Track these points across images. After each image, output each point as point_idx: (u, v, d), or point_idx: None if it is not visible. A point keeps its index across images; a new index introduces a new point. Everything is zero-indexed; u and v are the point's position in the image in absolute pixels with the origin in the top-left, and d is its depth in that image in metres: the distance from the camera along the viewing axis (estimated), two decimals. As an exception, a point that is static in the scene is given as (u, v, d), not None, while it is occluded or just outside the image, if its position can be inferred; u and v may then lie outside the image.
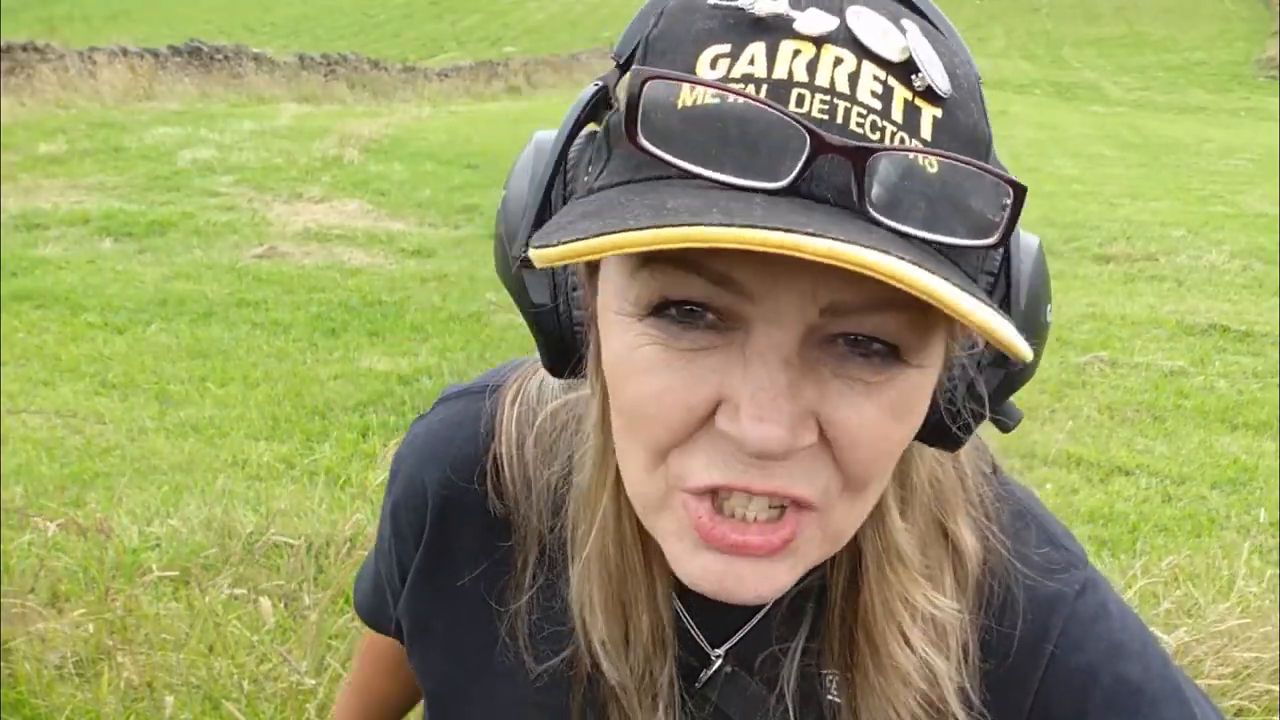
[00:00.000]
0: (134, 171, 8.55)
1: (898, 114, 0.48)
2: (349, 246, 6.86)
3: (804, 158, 0.46)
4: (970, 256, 0.51)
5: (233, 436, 3.87)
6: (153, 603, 2.42)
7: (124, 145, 9.46)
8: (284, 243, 6.81)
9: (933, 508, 0.67)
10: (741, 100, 0.47)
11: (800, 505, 0.53)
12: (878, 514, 0.62)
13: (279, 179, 8.57)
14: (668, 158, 0.47)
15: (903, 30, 0.50)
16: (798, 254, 0.41)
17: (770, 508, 0.53)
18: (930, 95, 0.49)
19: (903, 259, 0.42)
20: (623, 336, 0.53)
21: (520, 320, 0.63)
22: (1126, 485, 3.89)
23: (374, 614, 0.88)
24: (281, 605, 2.43)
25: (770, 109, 0.46)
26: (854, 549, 0.63)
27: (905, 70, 0.49)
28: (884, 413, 0.52)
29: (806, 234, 0.41)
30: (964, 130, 0.51)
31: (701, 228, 0.42)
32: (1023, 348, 0.44)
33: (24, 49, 12.84)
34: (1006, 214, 0.48)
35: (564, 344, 0.61)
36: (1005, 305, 0.56)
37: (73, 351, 4.72)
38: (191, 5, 46.37)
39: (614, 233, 0.43)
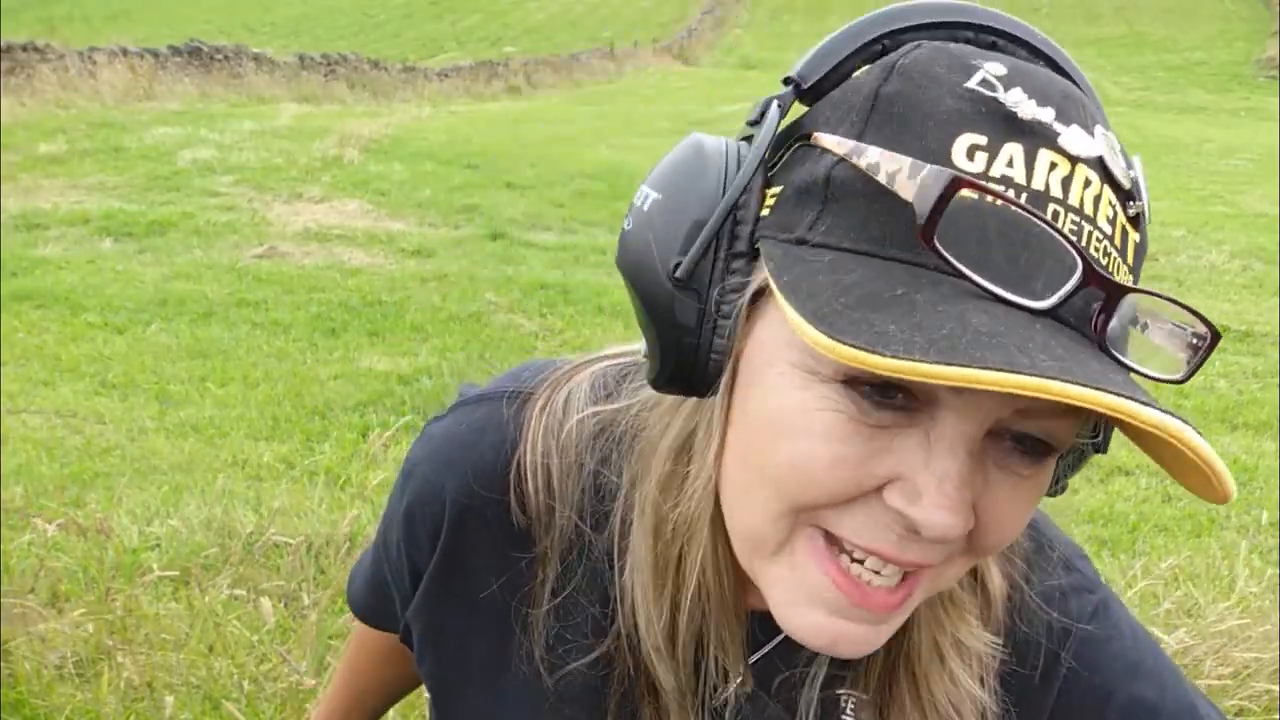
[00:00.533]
0: (134, 171, 8.55)
1: (1118, 239, 0.51)
2: (349, 246, 6.86)
3: (1073, 284, 0.47)
4: (1177, 367, 0.53)
5: (233, 436, 3.87)
6: (153, 603, 2.42)
7: (124, 145, 9.46)
8: (284, 243, 6.81)
9: None
10: (1005, 205, 0.47)
11: (922, 567, 0.54)
12: None
13: (279, 179, 8.57)
14: (954, 261, 0.47)
15: (1129, 162, 0.53)
16: (1121, 416, 0.42)
17: (897, 570, 0.54)
18: (1137, 221, 0.52)
19: (1169, 414, 0.43)
20: (798, 394, 0.51)
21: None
22: (1126, 485, 3.89)
23: (374, 613, 0.87)
24: (281, 605, 2.43)
25: (1042, 222, 0.47)
26: None
27: (1126, 197, 0.51)
28: (1027, 502, 0.54)
29: (1110, 392, 0.42)
30: (1144, 253, 0.54)
31: (1064, 384, 0.42)
32: (1224, 472, 0.45)
33: (24, 49, 12.83)
34: (1199, 356, 0.50)
35: (694, 370, 0.57)
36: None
37: (73, 351, 4.72)
38: (191, 5, 46.37)
39: (963, 366, 0.42)
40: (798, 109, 0.59)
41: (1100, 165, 0.51)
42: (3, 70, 11.92)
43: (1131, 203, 0.51)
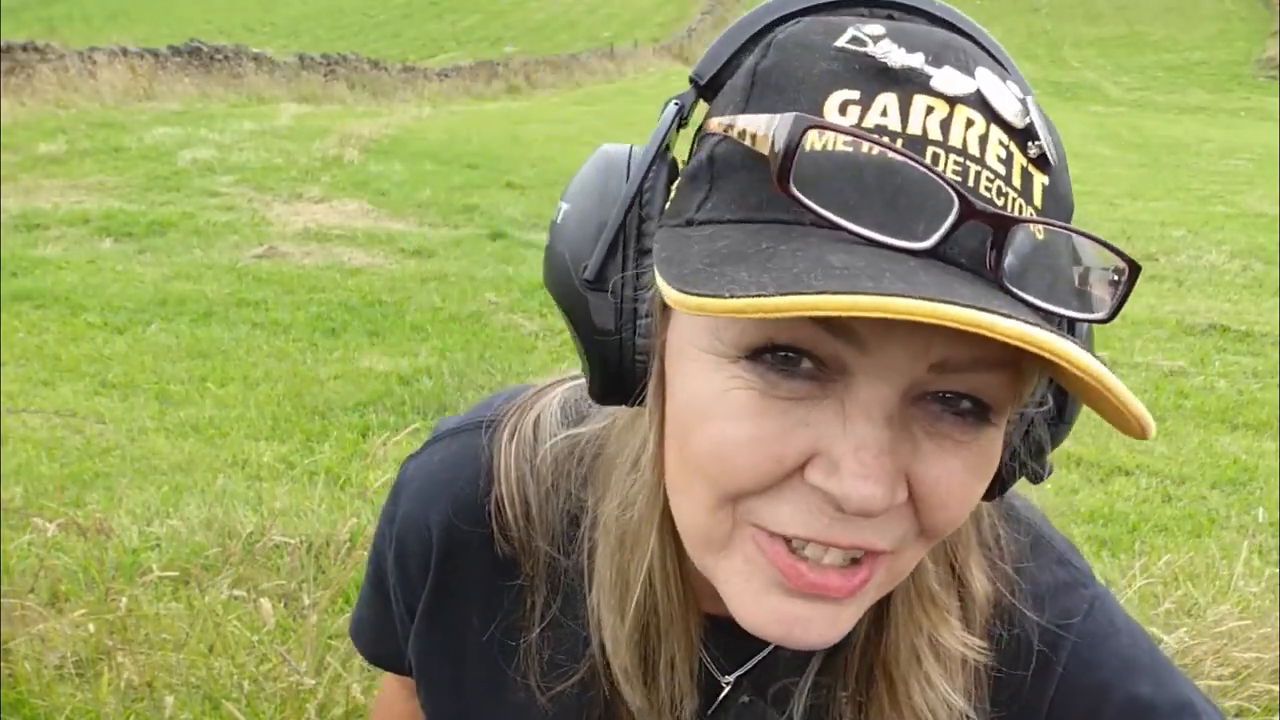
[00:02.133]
0: (134, 171, 8.55)
1: (1017, 180, 0.48)
2: (349, 246, 6.86)
3: (950, 221, 0.45)
4: (1081, 328, 0.52)
5: (233, 436, 3.87)
6: (153, 603, 2.41)
7: (124, 145, 9.46)
8: (284, 243, 6.81)
9: (945, 549, 0.67)
10: (881, 152, 0.46)
11: (876, 553, 0.53)
12: None
13: (279, 179, 8.57)
14: (815, 207, 0.45)
15: (1023, 98, 0.51)
16: (991, 334, 0.40)
17: (846, 554, 0.52)
18: (1042, 162, 0.50)
19: (1065, 337, 0.41)
20: (709, 377, 0.51)
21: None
22: (1126, 485, 3.89)
23: (391, 659, 0.85)
24: (281, 605, 2.43)
25: (917, 164, 0.46)
26: None
27: (1024, 136, 0.50)
28: (970, 471, 0.52)
29: (997, 313, 0.40)
30: (1064, 198, 0.51)
31: (908, 300, 0.39)
32: (1148, 419, 0.44)
33: (24, 49, 12.84)
34: (1120, 290, 0.48)
35: (622, 374, 0.58)
36: None
37: (73, 351, 4.72)
38: (191, 5, 46.37)
39: (803, 293, 0.41)
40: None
41: (982, 105, 0.49)
42: (3, 70, 11.92)
43: (1031, 143, 0.49)
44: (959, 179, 0.47)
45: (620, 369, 0.58)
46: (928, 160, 0.47)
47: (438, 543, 0.73)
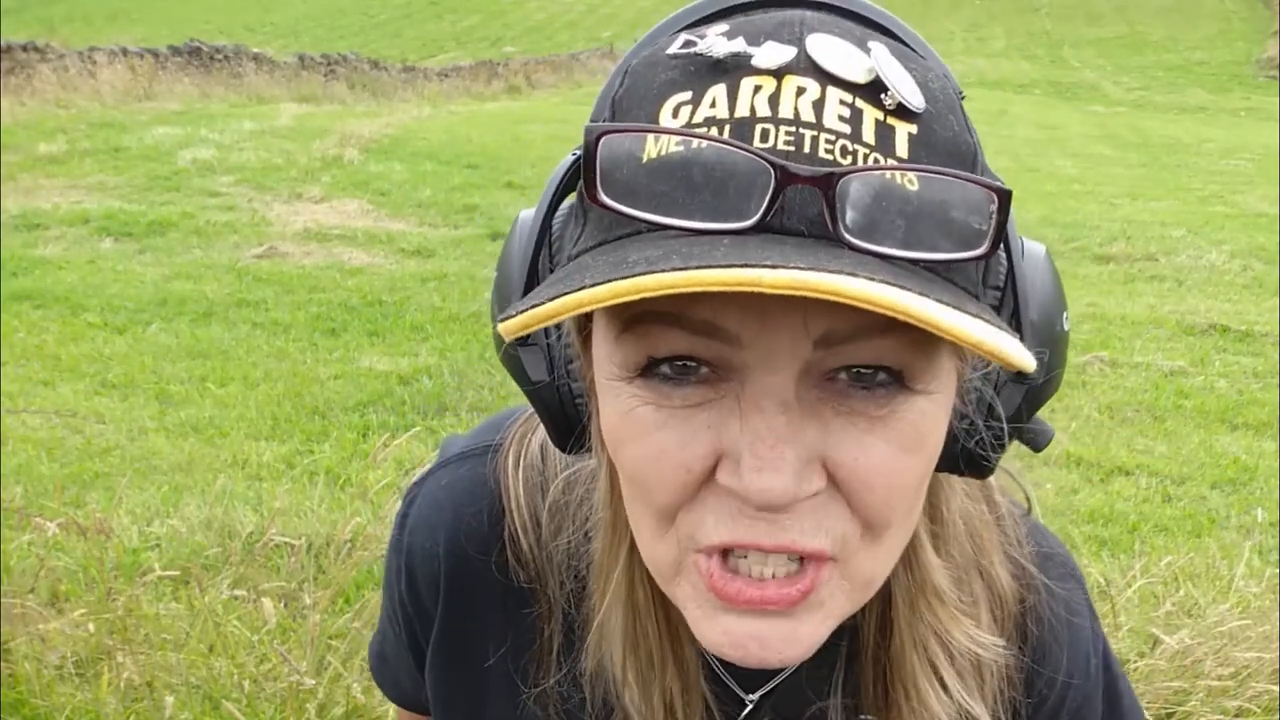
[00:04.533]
0: (134, 171, 8.55)
1: (869, 135, 0.47)
2: (349, 246, 6.86)
3: (770, 192, 0.44)
4: (967, 271, 0.49)
5: (233, 436, 3.87)
6: (153, 603, 2.41)
7: (124, 145, 9.46)
8: (284, 243, 6.81)
9: (967, 544, 0.65)
10: (704, 144, 0.46)
11: (818, 558, 0.51)
12: (909, 551, 0.60)
13: (279, 179, 8.57)
14: (632, 212, 0.46)
15: (867, 51, 0.49)
16: (757, 289, 0.39)
17: (789, 561, 0.51)
18: (903, 112, 0.48)
19: (872, 279, 0.40)
20: (615, 402, 0.51)
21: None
22: (1126, 485, 3.89)
23: (413, 697, 0.84)
24: (281, 605, 2.43)
25: (733, 148, 0.45)
26: (885, 589, 0.61)
27: (874, 90, 0.48)
28: (893, 448, 0.49)
29: (765, 267, 0.40)
30: (943, 143, 0.49)
31: (656, 275, 0.40)
32: (1022, 359, 0.42)
33: (24, 49, 12.85)
34: (993, 221, 0.46)
35: (566, 418, 0.60)
36: (1016, 318, 0.54)
37: (73, 351, 4.72)
38: (191, 5, 46.36)
39: (570, 293, 0.42)
40: None
41: (814, 69, 0.48)
42: (3, 70, 11.92)
43: (885, 95, 0.47)
44: (791, 148, 0.46)
45: (565, 416, 0.59)
46: (756, 138, 0.46)
47: (448, 572, 0.72)
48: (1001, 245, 0.48)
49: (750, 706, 0.68)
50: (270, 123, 11.33)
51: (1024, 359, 0.43)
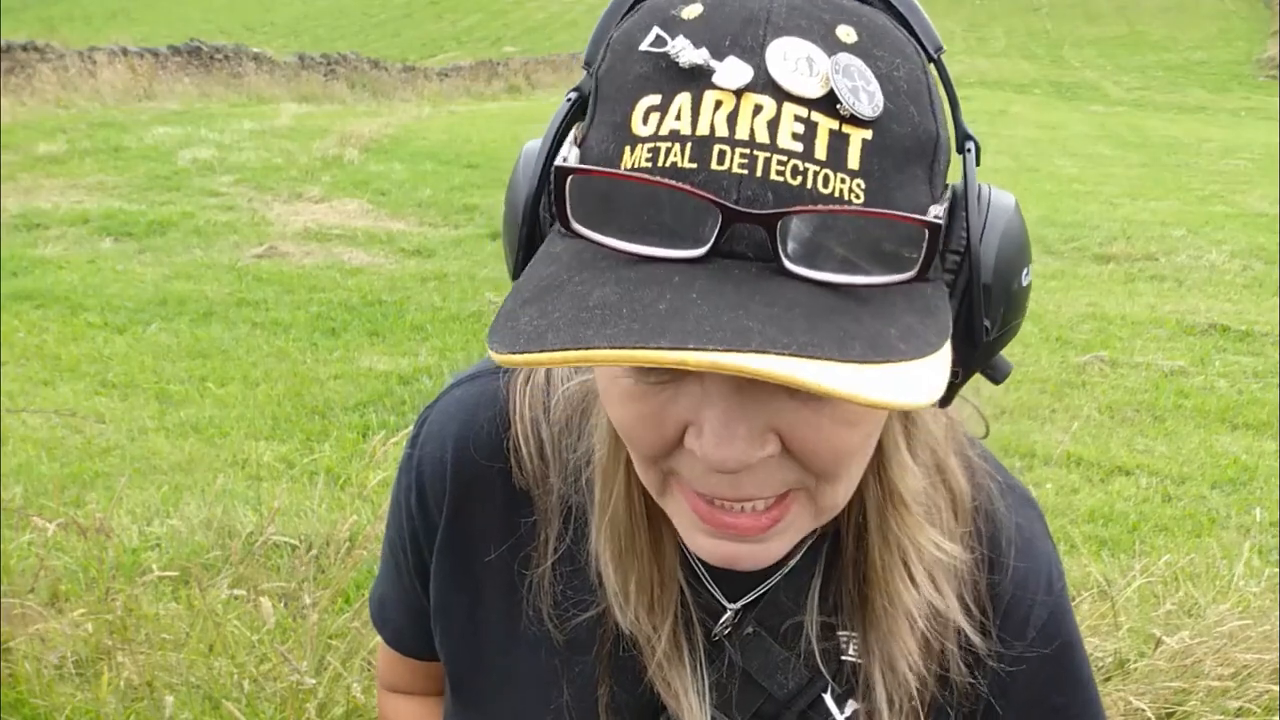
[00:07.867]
0: (134, 171, 8.54)
1: (821, 151, 0.49)
2: (349, 246, 6.86)
3: (719, 225, 0.48)
4: (906, 265, 0.51)
5: (233, 436, 3.87)
6: (153, 603, 2.41)
7: (124, 145, 9.46)
8: (284, 242, 6.81)
9: (932, 444, 0.70)
10: (673, 164, 0.49)
11: (782, 497, 0.59)
12: (880, 459, 0.66)
13: (279, 179, 8.57)
14: (601, 240, 0.51)
15: (831, 49, 0.50)
16: (683, 367, 0.45)
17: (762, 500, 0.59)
18: (858, 120, 0.50)
19: (781, 355, 0.45)
20: (603, 368, 0.57)
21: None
22: (1126, 485, 3.89)
23: (412, 637, 0.85)
24: (281, 605, 2.43)
25: (687, 193, 0.48)
26: (859, 499, 0.67)
27: (830, 101, 0.50)
28: (836, 423, 0.56)
29: (688, 349, 0.45)
30: (898, 142, 0.51)
31: (603, 350, 0.46)
32: (916, 400, 0.47)
33: (24, 49, 12.85)
34: (924, 250, 0.50)
35: None
36: (970, 286, 0.57)
37: (73, 351, 4.72)
38: (191, 5, 46.36)
39: (531, 352, 0.47)
40: None
41: (771, 87, 0.49)
42: (3, 70, 11.92)
43: (839, 106, 0.49)
44: (745, 172, 0.48)
45: None
46: (714, 159, 0.49)
47: (454, 475, 0.76)
48: (963, 205, 0.55)
49: (729, 614, 0.72)
50: (270, 122, 11.33)
51: (920, 400, 0.47)
